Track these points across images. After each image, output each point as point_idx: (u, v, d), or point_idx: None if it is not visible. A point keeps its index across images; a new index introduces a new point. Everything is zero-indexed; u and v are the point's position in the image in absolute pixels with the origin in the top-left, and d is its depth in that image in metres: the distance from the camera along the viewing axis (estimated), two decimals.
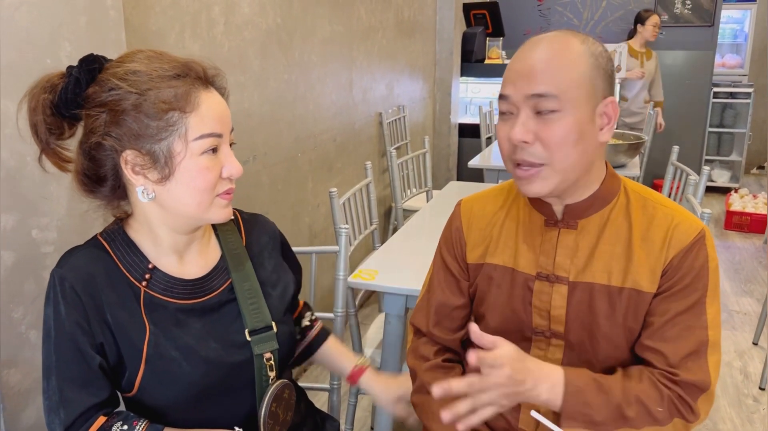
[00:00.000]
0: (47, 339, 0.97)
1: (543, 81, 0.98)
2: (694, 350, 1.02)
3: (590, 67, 0.99)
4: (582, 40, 1.01)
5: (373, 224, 2.45)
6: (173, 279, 1.04)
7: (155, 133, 0.93)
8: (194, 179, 0.95)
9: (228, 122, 1.00)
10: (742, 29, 6.19)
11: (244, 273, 1.10)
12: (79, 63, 0.96)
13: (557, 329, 1.10)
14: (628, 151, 3.05)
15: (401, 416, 1.31)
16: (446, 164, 4.70)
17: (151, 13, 1.69)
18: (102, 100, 0.93)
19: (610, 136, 1.03)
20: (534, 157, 1.00)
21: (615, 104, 1.02)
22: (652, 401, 1.00)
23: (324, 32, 2.71)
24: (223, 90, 1.02)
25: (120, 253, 1.02)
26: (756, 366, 2.80)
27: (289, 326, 1.15)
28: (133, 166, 0.95)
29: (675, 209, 1.07)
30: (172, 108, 0.93)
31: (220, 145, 0.98)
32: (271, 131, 2.35)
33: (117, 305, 0.99)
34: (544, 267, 1.10)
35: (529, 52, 1.01)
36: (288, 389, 1.11)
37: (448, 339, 1.22)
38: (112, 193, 0.99)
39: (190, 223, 1.02)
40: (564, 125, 0.98)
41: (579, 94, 0.98)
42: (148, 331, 0.99)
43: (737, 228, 4.70)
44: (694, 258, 1.02)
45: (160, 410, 1.01)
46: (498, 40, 5.03)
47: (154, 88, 0.92)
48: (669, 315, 1.03)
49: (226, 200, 1.01)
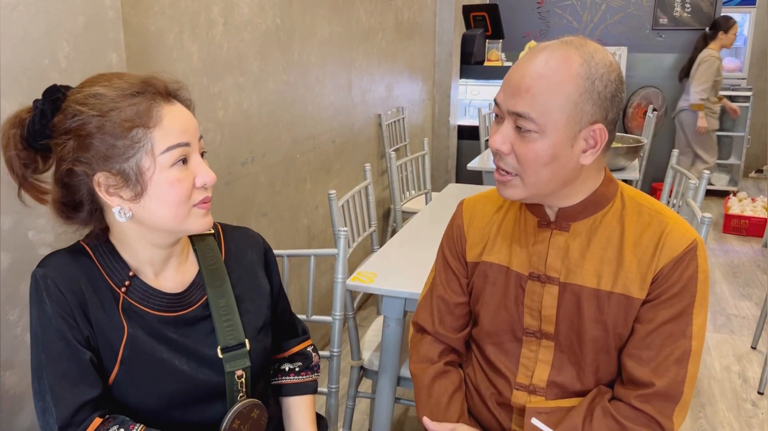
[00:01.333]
0: (35, 339, 0.98)
1: (524, 102, 0.98)
2: (677, 359, 1.03)
3: (580, 91, 0.97)
4: (585, 60, 0.98)
5: (371, 226, 2.44)
6: (151, 289, 1.05)
7: (122, 152, 0.94)
8: (167, 192, 0.96)
9: (195, 131, 1.00)
10: (741, 33, 6.20)
11: (221, 289, 1.10)
12: (43, 95, 0.97)
13: (547, 329, 1.12)
14: (627, 154, 3.04)
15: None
16: (445, 166, 4.69)
17: (150, 13, 1.68)
18: (67, 127, 0.94)
19: (592, 159, 1.02)
20: (508, 167, 1.04)
21: (603, 131, 1.00)
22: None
23: (323, 33, 2.70)
24: (188, 102, 1.03)
25: (102, 258, 1.03)
26: (755, 370, 2.79)
27: (264, 342, 1.14)
28: (107, 188, 0.96)
29: (670, 217, 1.08)
30: (135, 125, 0.93)
31: (190, 155, 0.99)
32: (270, 132, 2.34)
33: (97, 306, 1.00)
34: (536, 267, 1.12)
35: (525, 63, 1.01)
36: (258, 409, 1.11)
37: (452, 337, 1.24)
38: (90, 217, 1.00)
39: (171, 236, 1.03)
40: (537, 146, 0.99)
41: (559, 118, 0.98)
42: (126, 333, 1.01)
43: (736, 231, 4.70)
44: (685, 268, 1.03)
45: (132, 407, 1.02)
46: (497, 42, 5.03)
47: (115, 108, 0.93)
48: (655, 323, 1.04)
49: (203, 209, 1.01)
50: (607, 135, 1.01)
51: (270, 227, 2.40)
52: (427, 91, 4.45)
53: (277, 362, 1.27)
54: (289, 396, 1.25)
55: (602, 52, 1.00)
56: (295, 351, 1.28)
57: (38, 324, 0.97)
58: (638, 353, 1.05)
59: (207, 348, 1.07)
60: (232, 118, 2.09)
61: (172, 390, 1.02)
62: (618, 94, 1.00)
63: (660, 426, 1.03)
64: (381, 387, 1.78)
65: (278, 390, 1.26)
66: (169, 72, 1.04)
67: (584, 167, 1.04)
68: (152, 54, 1.70)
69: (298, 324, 1.30)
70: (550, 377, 1.12)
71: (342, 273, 1.56)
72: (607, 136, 1.01)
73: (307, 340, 1.30)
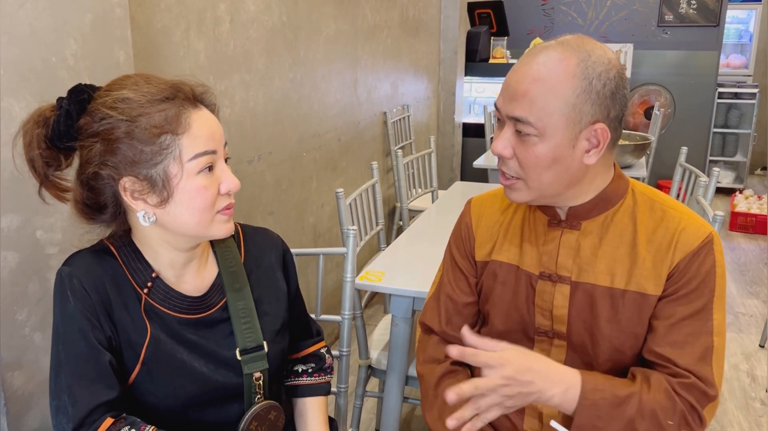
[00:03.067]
0: (56, 337, 0.98)
1: (522, 106, 0.98)
2: (701, 356, 1.01)
3: (578, 92, 0.96)
4: (581, 60, 0.97)
5: (379, 225, 2.43)
6: (173, 292, 1.05)
7: (150, 157, 0.93)
8: (193, 199, 0.96)
9: (221, 138, 1.00)
10: (747, 29, 6.16)
11: (240, 292, 1.10)
12: (68, 94, 0.96)
13: (560, 329, 1.10)
14: (634, 151, 3.03)
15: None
16: (450, 164, 4.67)
17: (157, 11, 1.67)
18: (94, 131, 0.94)
19: (596, 158, 1.01)
20: (511, 170, 1.04)
21: (605, 130, 0.99)
22: (665, 414, 0.99)
23: (329, 31, 2.69)
24: (213, 106, 1.02)
25: (126, 259, 1.03)
26: (763, 368, 2.77)
27: (281, 344, 1.14)
28: (132, 192, 0.95)
29: (683, 212, 1.06)
30: (164, 131, 0.93)
31: (216, 162, 0.99)
32: (276, 130, 2.33)
33: (121, 306, 1.00)
34: (546, 267, 1.10)
35: (522, 68, 1.00)
36: (275, 411, 1.11)
37: (459, 337, 1.21)
38: (113, 219, 1.00)
39: (193, 241, 1.03)
40: (538, 150, 0.99)
41: (558, 121, 0.97)
42: (149, 334, 1.01)
43: (742, 229, 4.67)
44: (701, 262, 1.01)
45: (151, 406, 1.02)
46: (502, 39, 5.01)
47: (144, 114, 0.92)
48: (674, 319, 1.02)
49: (226, 215, 1.02)
50: (610, 133, 0.99)
51: (276, 226, 2.39)
52: (432, 89, 4.43)
53: (290, 363, 1.27)
54: (303, 397, 1.24)
55: (600, 49, 0.99)
56: (308, 352, 1.27)
57: (61, 322, 0.97)
58: (662, 351, 1.01)
59: (225, 350, 1.06)
60: (238, 116, 2.08)
61: (190, 391, 1.02)
62: (619, 90, 0.99)
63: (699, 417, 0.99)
64: (389, 386, 1.77)
65: (291, 391, 1.25)
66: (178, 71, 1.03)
67: (590, 167, 1.02)
68: (159, 51, 1.69)
69: (312, 326, 1.29)
70: None
71: (351, 272, 1.55)
72: (610, 134, 1.00)
73: (320, 341, 1.29)
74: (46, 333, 1.22)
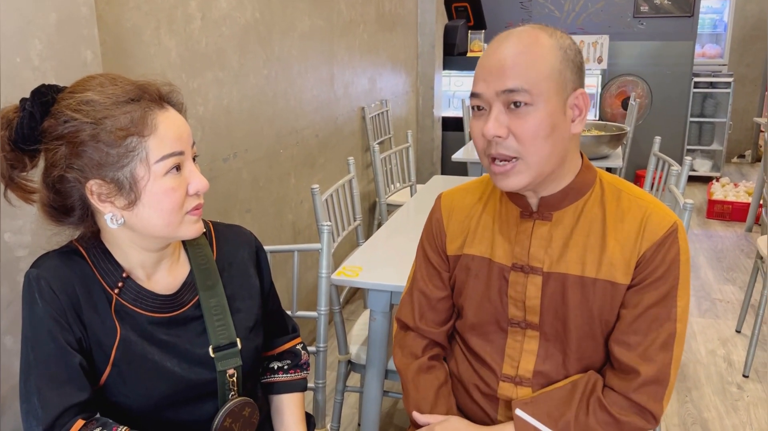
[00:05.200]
0: (25, 340, 0.97)
1: (514, 76, 0.99)
2: (663, 342, 1.04)
3: (559, 59, 1.01)
4: (550, 34, 1.03)
5: (356, 220, 2.44)
6: (144, 291, 1.04)
7: (116, 160, 0.92)
8: (161, 201, 0.95)
9: (188, 138, 0.99)
10: (722, 19, 6.24)
11: (212, 289, 1.10)
12: (31, 95, 0.95)
13: (532, 320, 1.12)
14: (610, 142, 3.05)
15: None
16: (430, 158, 4.68)
17: (125, 9, 1.66)
18: (59, 133, 0.92)
19: (581, 127, 1.05)
20: (509, 150, 1.02)
21: (585, 96, 1.04)
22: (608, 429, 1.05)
23: (304, 26, 2.68)
24: (180, 106, 1.02)
25: (96, 260, 1.02)
26: (739, 353, 2.82)
27: (255, 341, 1.14)
28: (99, 195, 0.95)
29: (649, 201, 1.08)
30: (130, 133, 0.92)
31: (183, 162, 0.98)
32: (252, 127, 2.32)
33: (90, 307, 0.99)
34: (519, 258, 1.11)
35: (498, 49, 1.03)
36: (250, 407, 1.11)
37: (434, 332, 1.24)
38: (81, 221, 0.99)
39: (162, 242, 1.03)
40: (536, 118, 1.00)
41: (549, 86, 1.00)
42: (118, 335, 1.00)
43: (719, 217, 4.74)
44: (667, 251, 1.04)
45: (123, 407, 1.01)
46: (480, 32, 5.03)
47: (109, 116, 0.91)
48: (641, 307, 1.05)
49: (195, 216, 1.01)
50: (589, 100, 1.05)
51: (254, 223, 2.39)
52: (411, 83, 4.43)
53: (266, 360, 1.27)
54: (279, 394, 1.24)
55: (560, 30, 1.06)
56: (284, 349, 1.27)
57: (29, 325, 0.96)
58: (625, 338, 1.06)
59: (198, 347, 1.06)
60: (212, 113, 2.06)
61: (163, 391, 1.02)
62: (583, 65, 1.06)
63: (651, 415, 1.04)
64: (369, 380, 1.78)
65: (267, 388, 1.25)
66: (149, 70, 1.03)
67: (572, 142, 1.05)
68: (128, 50, 1.67)
69: (287, 322, 1.29)
70: (535, 367, 1.12)
71: (326, 267, 1.55)
72: (589, 101, 1.04)
73: (296, 338, 1.29)
74: (17, 336, 1.21)
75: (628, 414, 1.04)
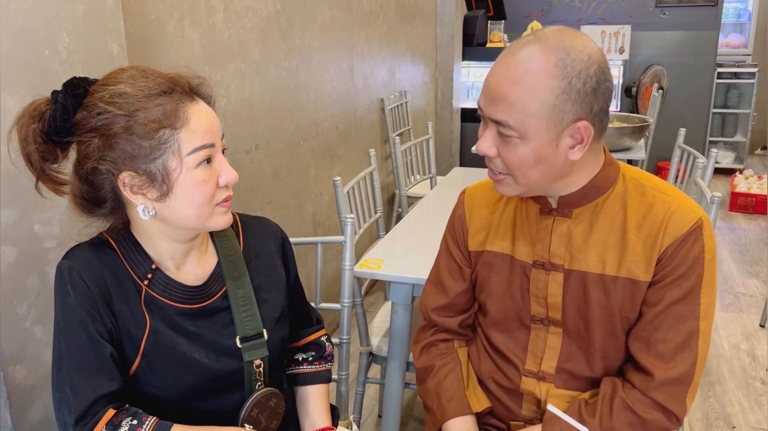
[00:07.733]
0: (57, 330, 0.99)
1: (502, 110, 0.98)
2: (684, 341, 1.02)
3: (557, 93, 0.95)
4: (560, 59, 0.94)
5: (377, 212, 2.43)
6: (173, 282, 1.05)
7: (149, 152, 0.93)
8: (193, 193, 0.96)
9: (218, 130, 1.00)
10: (746, 8, 6.12)
11: (239, 280, 1.11)
12: (63, 88, 0.95)
13: (555, 316, 1.11)
14: (633, 133, 3.01)
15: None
16: (449, 150, 4.66)
17: (149, 1, 1.66)
18: (92, 126, 0.93)
19: (581, 154, 1.00)
20: (498, 168, 1.04)
21: (587, 128, 0.98)
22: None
23: (324, 18, 2.67)
24: (209, 98, 1.02)
25: (126, 251, 1.04)
26: (763, 348, 2.78)
27: (281, 332, 1.15)
28: (131, 187, 0.96)
29: (674, 196, 1.06)
30: (163, 126, 0.93)
31: (214, 155, 0.99)
32: (273, 119, 2.33)
33: (121, 298, 1.01)
34: (540, 255, 1.11)
35: (498, 70, 0.99)
36: (276, 398, 1.12)
37: (452, 326, 1.25)
38: (111, 213, 1.00)
39: (192, 233, 1.04)
40: (521, 151, 0.99)
41: (539, 123, 0.96)
42: (148, 327, 1.01)
43: (742, 209, 4.67)
44: (690, 248, 1.02)
45: (152, 397, 1.03)
46: (500, 23, 4.98)
47: (142, 109, 0.92)
48: (663, 305, 1.03)
49: (225, 207, 1.02)
50: (593, 129, 0.98)
51: (275, 215, 2.40)
52: (430, 74, 4.41)
53: (291, 351, 1.28)
54: (304, 385, 1.25)
55: (581, 44, 0.96)
56: (308, 340, 1.28)
57: (61, 316, 0.98)
58: (647, 336, 1.04)
59: (226, 338, 1.07)
60: (234, 106, 2.07)
61: (191, 382, 1.03)
62: (601, 85, 0.97)
63: (674, 415, 1.03)
64: (390, 372, 1.78)
65: (293, 380, 1.26)
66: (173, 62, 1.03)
67: (577, 160, 1.02)
68: (153, 42, 1.68)
69: (312, 314, 1.30)
70: (558, 363, 1.12)
71: (349, 260, 1.55)
72: (593, 129, 0.98)
73: (320, 330, 1.30)
74: (47, 326, 1.23)
75: (651, 412, 1.03)
